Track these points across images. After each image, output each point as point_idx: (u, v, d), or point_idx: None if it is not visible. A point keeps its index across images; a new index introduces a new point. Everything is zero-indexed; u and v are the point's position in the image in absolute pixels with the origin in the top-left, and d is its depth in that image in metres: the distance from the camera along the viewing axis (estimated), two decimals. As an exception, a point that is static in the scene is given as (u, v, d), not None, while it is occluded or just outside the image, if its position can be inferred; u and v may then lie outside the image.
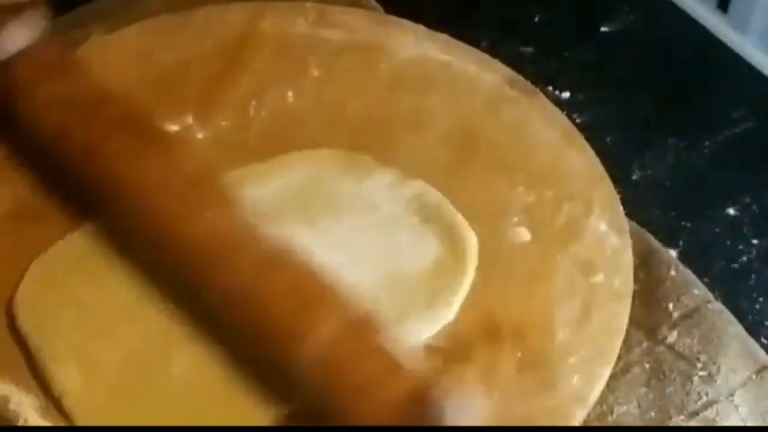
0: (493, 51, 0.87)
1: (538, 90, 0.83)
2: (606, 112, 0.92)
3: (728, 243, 0.85)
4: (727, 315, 0.74)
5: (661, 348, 0.72)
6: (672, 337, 0.72)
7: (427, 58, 0.84)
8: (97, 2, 0.88)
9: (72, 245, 0.71)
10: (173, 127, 0.77)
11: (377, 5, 0.91)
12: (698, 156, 0.90)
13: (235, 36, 0.84)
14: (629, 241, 0.74)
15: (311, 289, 0.62)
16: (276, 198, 0.75)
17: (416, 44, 0.84)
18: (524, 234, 0.74)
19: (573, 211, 0.75)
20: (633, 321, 0.71)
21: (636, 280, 0.73)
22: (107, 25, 0.83)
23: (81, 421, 0.64)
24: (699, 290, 0.75)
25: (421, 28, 0.86)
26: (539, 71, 0.91)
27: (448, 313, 0.71)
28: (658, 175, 0.89)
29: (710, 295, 0.75)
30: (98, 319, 0.68)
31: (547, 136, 0.80)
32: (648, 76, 0.96)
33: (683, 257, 0.81)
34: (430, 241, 0.74)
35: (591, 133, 0.82)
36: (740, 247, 0.84)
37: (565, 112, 0.84)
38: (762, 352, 0.73)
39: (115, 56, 0.81)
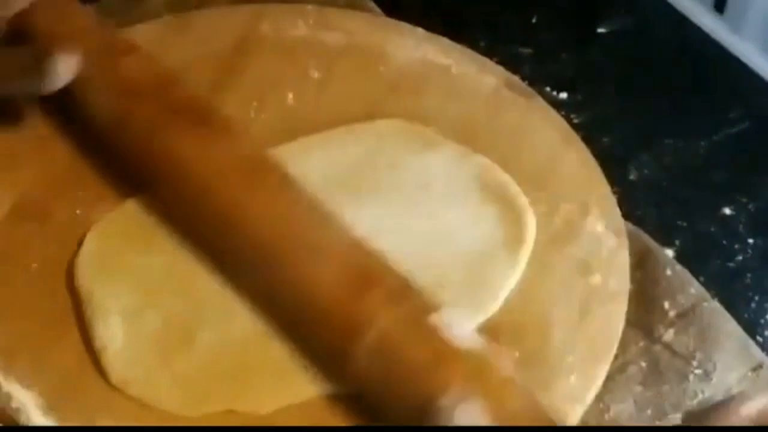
0: (491, 52, 0.87)
1: (535, 92, 0.83)
2: (603, 113, 0.93)
3: (724, 242, 0.85)
4: (723, 313, 0.74)
5: (658, 347, 0.72)
6: (668, 335, 0.72)
7: (425, 60, 0.84)
8: (98, 4, 0.89)
9: (128, 212, 0.74)
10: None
11: (376, 8, 0.92)
12: (694, 156, 0.91)
13: (236, 38, 0.85)
14: (626, 242, 0.74)
15: (363, 276, 0.64)
16: (327, 171, 0.76)
17: (415, 47, 0.85)
18: (522, 235, 0.75)
19: (570, 213, 0.75)
20: (629, 320, 0.71)
21: (632, 279, 0.73)
22: (108, 27, 0.83)
23: (114, 376, 0.66)
24: (695, 289, 0.75)
25: (420, 30, 0.86)
26: (537, 72, 0.92)
27: (494, 304, 0.71)
28: (654, 175, 0.89)
29: (706, 294, 0.75)
30: (146, 284, 0.71)
31: (545, 138, 0.80)
32: (644, 77, 0.97)
33: (679, 256, 0.81)
34: (486, 223, 0.74)
35: (588, 133, 0.83)
36: (736, 246, 0.85)
37: (562, 113, 0.84)
38: (758, 349, 0.73)
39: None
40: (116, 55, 0.75)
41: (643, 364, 0.71)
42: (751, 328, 0.77)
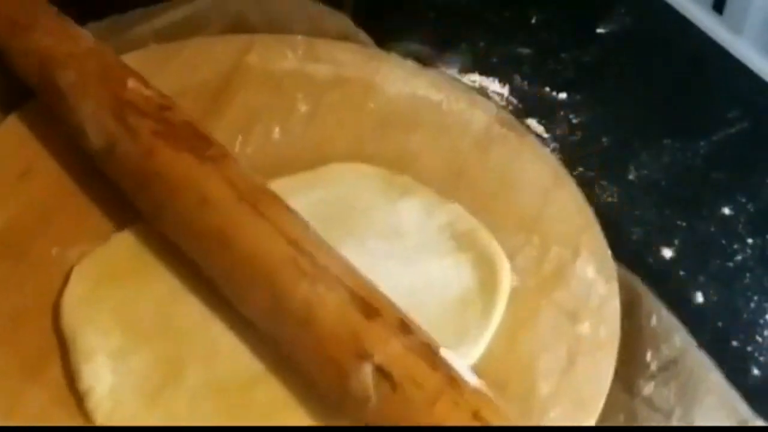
0: (491, 52, 0.87)
1: (528, 130, 0.83)
2: (602, 113, 0.92)
3: (723, 242, 0.85)
4: (708, 365, 0.72)
5: (637, 400, 0.71)
6: (648, 388, 0.71)
7: (416, 96, 0.83)
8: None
9: (114, 249, 0.74)
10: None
11: (368, 38, 0.89)
12: (694, 156, 0.90)
13: (223, 69, 0.84)
14: (617, 289, 0.73)
15: (369, 302, 0.65)
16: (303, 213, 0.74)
17: (405, 81, 0.84)
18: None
19: (560, 256, 0.74)
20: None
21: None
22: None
23: (100, 417, 0.66)
24: (680, 339, 0.73)
25: (410, 63, 0.85)
26: (536, 72, 0.92)
27: (474, 351, 0.70)
28: (653, 175, 0.89)
29: (693, 343, 0.73)
30: (134, 324, 0.70)
31: (536, 177, 0.79)
32: (644, 77, 0.96)
33: (679, 256, 0.82)
34: (460, 271, 0.73)
35: (587, 133, 0.83)
36: (735, 246, 0.85)
37: (561, 113, 0.84)
38: (743, 404, 0.71)
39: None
40: (115, 78, 0.75)
41: (621, 418, 0.70)
42: (750, 328, 0.78)
